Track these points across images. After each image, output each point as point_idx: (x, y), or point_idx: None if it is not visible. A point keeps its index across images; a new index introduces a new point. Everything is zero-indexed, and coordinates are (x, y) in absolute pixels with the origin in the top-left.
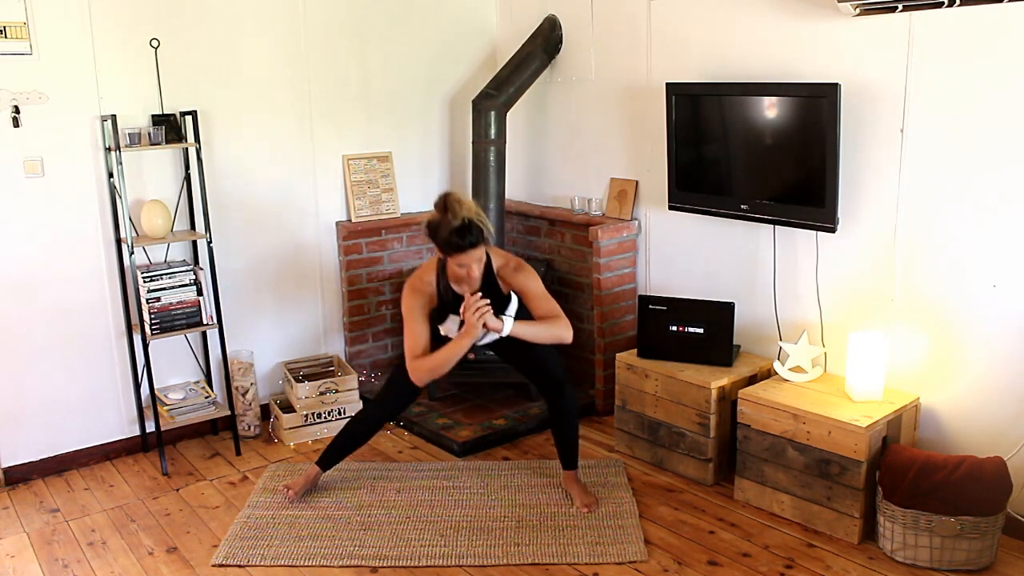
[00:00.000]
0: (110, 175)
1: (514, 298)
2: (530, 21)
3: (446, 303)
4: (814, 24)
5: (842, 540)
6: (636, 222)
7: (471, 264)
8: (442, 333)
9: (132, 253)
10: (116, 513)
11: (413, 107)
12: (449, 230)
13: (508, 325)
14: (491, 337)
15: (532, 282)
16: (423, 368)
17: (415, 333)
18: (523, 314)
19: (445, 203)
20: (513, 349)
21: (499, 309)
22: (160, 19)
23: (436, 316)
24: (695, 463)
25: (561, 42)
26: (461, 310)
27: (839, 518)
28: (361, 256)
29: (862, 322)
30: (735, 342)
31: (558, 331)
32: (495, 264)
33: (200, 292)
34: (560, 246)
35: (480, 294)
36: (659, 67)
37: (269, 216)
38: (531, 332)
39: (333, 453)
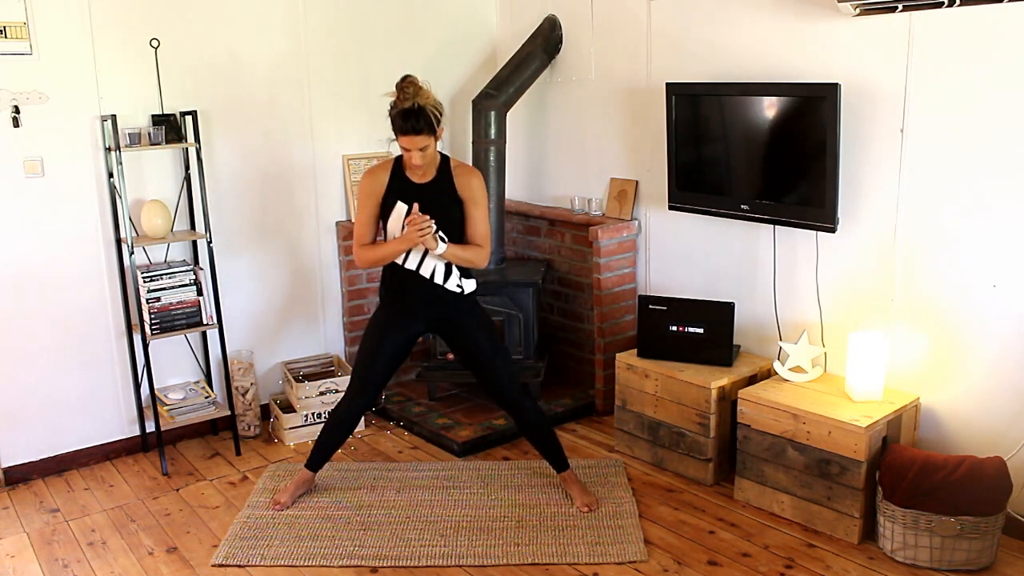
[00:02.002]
0: (110, 175)
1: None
2: (530, 21)
3: (397, 189)
4: (814, 24)
5: (842, 540)
6: (636, 222)
7: (413, 151)
8: (389, 222)
9: (132, 253)
10: (116, 513)
11: None
12: (397, 111)
13: (442, 247)
14: (429, 257)
15: (480, 192)
16: (366, 259)
17: (363, 222)
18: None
19: (401, 84)
20: (472, 362)
21: (448, 205)
22: (160, 19)
23: (387, 203)
24: (695, 463)
25: (561, 42)
26: (406, 221)
27: (839, 518)
28: None
29: (862, 322)
30: (735, 342)
31: (478, 260)
32: (452, 162)
33: (200, 292)
34: (560, 246)
35: (429, 217)
36: (659, 67)
37: (269, 216)
38: (456, 256)
39: (318, 454)
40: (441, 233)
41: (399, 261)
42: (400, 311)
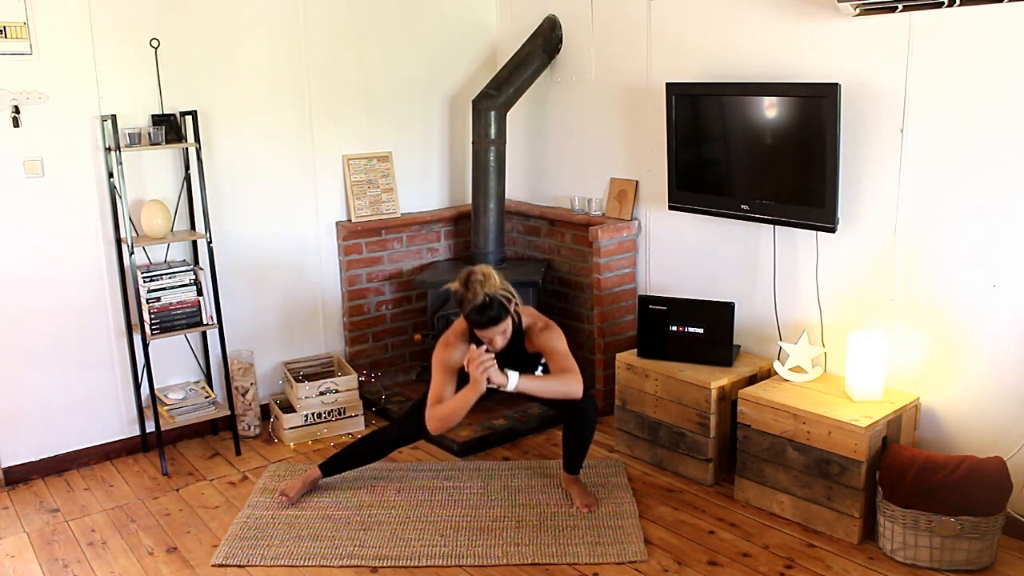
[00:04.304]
0: (110, 175)
1: (543, 362)
2: (530, 21)
3: None
4: (814, 24)
5: (842, 540)
6: (636, 222)
7: (494, 337)
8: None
9: (132, 253)
10: (116, 513)
11: (413, 107)
12: (471, 306)
13: (513, 380)
14: (506, 388)
15: (556, 341)
16: (435, 417)
17: (436, 384)
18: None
19: (467, 282)
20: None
21: (523, 369)
22: (160, 19)
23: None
24: (695, 463)
25: (561, 42)
26: (465, 362)
27: (839, 518)
28: (361, 256)
29: (862, 322)
30: (735, 342)
31: (567, 386)
32: (524, 323)
33: (200, 292)
34: (560, 246)
35: (484, 347)
36: (659, 67)
37: (269, 216)
38: (539, 386)
39: (339, 463)
40: (531, 371)
41: None
42: None
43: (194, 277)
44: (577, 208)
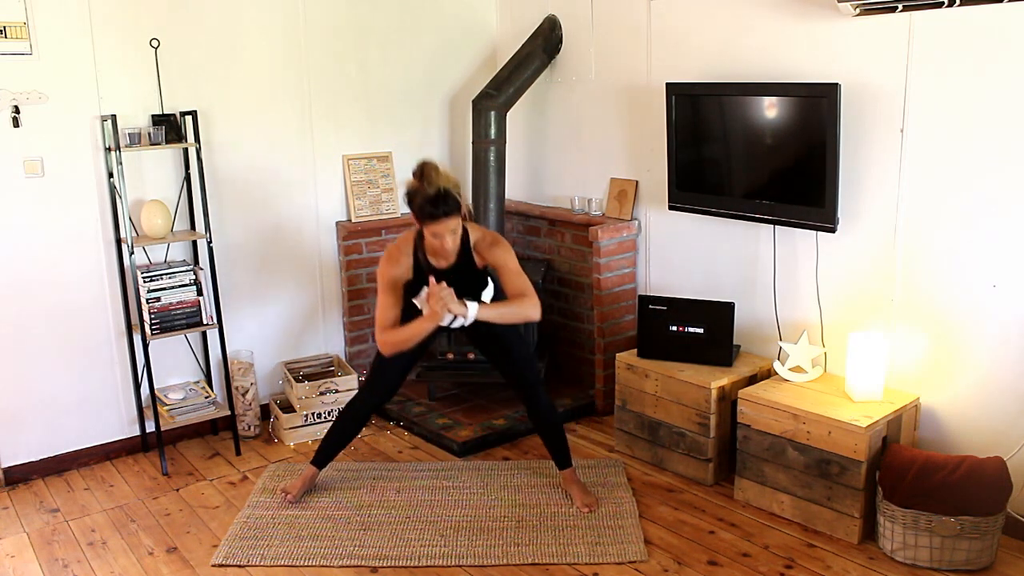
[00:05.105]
0: (110, 175)
1: (490, 285)
2: (530, 21)
3: (422, 275)
4: (814, 24)
5: (842, 540)
6: (636, 222)
7: (445, 234)
8: (416, 304)
9: (132, 253)
10: (116, 513)
11: (413, 107)
12: (424, 198)
13: (473, 311)
14: (459, 321)
15: (506, 256)
16: (389, 342)
17: (385, 305)
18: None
19: (422, 171)
20: (489, 348)
21: (475, 286)
22: (160, 19)
23: (412, 287)
24: (695, 463)
25: (561, 42)
26: (425, 295)
27: (839, 518)
28: (361, 256)
29: (862, 322)
30: (735, 342)
31: (525, 310)
32: (472, 238)
33: (200, 292)
34: (560, 246)
35: (444, 283)
36: (659, 67)
37: (269, 216)
38: (497, 314)
39: (326, 450)
40: (479, 292)
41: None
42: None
43: (194, 277)
44: (577, 208)
